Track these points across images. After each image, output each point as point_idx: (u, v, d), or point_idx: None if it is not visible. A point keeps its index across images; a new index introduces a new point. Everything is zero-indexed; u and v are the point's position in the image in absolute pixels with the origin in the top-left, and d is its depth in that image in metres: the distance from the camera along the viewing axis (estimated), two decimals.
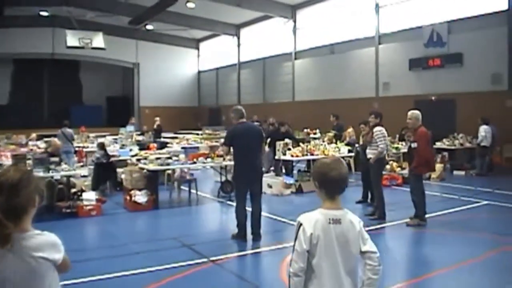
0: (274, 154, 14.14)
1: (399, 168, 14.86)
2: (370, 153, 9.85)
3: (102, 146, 13.77)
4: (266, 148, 15.34)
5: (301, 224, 2.94)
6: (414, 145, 9.29)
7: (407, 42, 21.20)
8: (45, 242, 2.48)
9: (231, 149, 8.48)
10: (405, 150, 16.21)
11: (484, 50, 18.21)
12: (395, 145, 16.08)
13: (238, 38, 33.91)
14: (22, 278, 2.40)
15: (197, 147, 18.56)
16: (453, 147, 17.06)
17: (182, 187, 13.01)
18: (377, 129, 9.87)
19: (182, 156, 12.71)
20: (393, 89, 21.84)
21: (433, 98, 19.66)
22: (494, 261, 7.09)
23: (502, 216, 10.24)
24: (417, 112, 9.35)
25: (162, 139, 21.17)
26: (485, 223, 9.82)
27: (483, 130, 15.79)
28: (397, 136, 17.52)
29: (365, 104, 21.91)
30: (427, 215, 9.21)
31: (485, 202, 11.27)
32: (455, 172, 16.27)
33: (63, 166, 11.04)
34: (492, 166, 16.29)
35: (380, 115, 10.14)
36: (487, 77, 18.01)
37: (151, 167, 11.39)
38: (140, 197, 10.87)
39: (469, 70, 18.63)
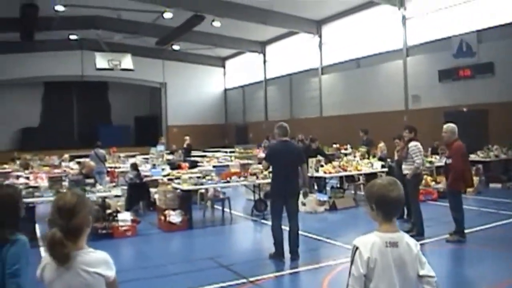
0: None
1: (433, 182, 14.62)
2: (406, 169, 9.67)
3: (135, 167, 13.85)
4: None
5: (357, 248, 2.86)
6: (449, 160, 9.12)
7: (435, 54, 20.98)
8: (99, 259, 2.76)
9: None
10: (439, 164, 16.01)
11: None
12: (429, 159, 15.83)
13: (264, 55, 34.02)
14: None
15: (227, 165, 18.55)
16: (488, 159, 16.70)
17: (215, 206, 13.01)
18: (412, 144, 9.71)
19: (214, 174, 12.71)
20: (423, 102, 21.59)
21: (464, 109, 19.38)
22: None
23: None
24: (452, 125, 9.16)
25: (192, 158, 21.23)
26: None
27: None
28: (430, 149, 17.31)
29: (395, 118, 21.78)
30: (466, 231, 9.02)
31: None
32: (491, 185, 15.96)
33: (98, 187, 11.14)
34: None
35: (414, 129, 9.97)
36: None
37: (185, 187, 11.39)
38: (175, 217, 10.88)
39: (501, 80, 18.31)
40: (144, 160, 19.66)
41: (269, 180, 11.21)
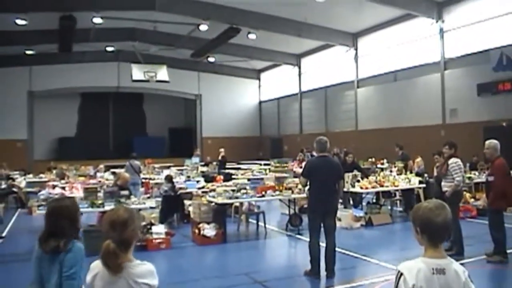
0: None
1: (472, 199, 14.29)
2: (446, 186, 9.43)
3: (170, 179, 13.91)
4: None
5: (401, 274, 2.76)
6: (490, 178, 8.90)
7: (474, 67, 20.56)
8: (147, 271, 3.06)
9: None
10: (478, 180, 15.66)
11: None
12: (467, 175, 15.47)
13: (299, 68, 33.93)
14: None
15: (262, 179, 18.46)
16: None
17: (249, 220, 12.95)
18: (452, 160, 9.47)
19: (249, 188, 12.62)
20: (460, 116, 21.18)
21: (504, 124, 18.94)
22: None
23: None
24: (495, 142, 8.97)
25: (226, 170, 21.24)
26: None
27: None
28: (468, 165, 16.94)
29: (432, 132, 21.46)
30: (508, 251, 8.75)
31: None
32: None
33: (133, 199, 11.19)
34: None
35: (455, 145, 9.73)
36: None
37: (220, 200, 11.36)
38: (209, 230, 10.86)
39: None
40: (179, 171, 19.73)
41: (304, 195, 11.13)
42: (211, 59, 33.34)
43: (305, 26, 25.29)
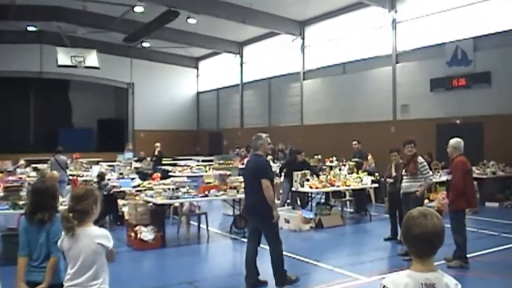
0: (291, 185, 13.82)
1: (426, 200, 14.54)
2: (414, 186, 9.68)
3: (102, 177, 13.49)
4: (281, 179, 15.10)
5: None
6: (449, 177, 9.10)
7: (428, 61, 20.96)
8: (102, 234, 4.11)
9: None
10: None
11: None
12: None
13: (241, 57, 33.77)
14: (88, 254, 4.01)
15: (201, 176, 18.27)
16: (484, 176, 16.64)
17: (190, 221, 12.74)
18: (420, 159, 9.85)
19: (189, 187, 12.36)
20: (412, 112, 21.55)
21: (457, 121, 19.38)
22: None
23: None
24: (456, 140, 9.22)
25: (163, 167, 20.92)
26: None
27: None
28: None
29: (382, 129, 21.77)
30: (468, 255, 8.92)
31: None
32: (487, 204, 15.98)
33: (60, 199, 10.74)
34: None
35: (415, 143, 10.04)
36: None
37: (160, 200, 11.06)
38: (147, 234, 10.56)
39: (498, 90, 18.29)
40: (110, 168, 19.24)
41: None
42: (145, 45, 32.71)
43: (250, 12, 25.05)
